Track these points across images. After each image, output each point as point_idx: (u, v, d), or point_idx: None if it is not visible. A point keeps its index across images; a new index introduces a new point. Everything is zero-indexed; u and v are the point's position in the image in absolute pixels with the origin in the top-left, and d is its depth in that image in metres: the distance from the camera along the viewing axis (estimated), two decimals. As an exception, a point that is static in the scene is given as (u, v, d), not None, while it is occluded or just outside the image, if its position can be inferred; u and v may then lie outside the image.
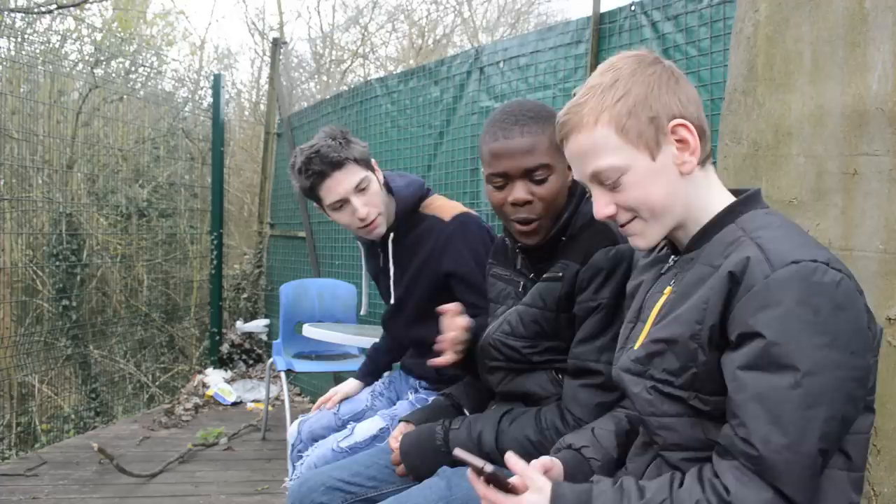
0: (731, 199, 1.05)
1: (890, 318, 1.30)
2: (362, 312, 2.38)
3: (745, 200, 1.03)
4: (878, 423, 1.33)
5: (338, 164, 1.77)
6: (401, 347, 2.14)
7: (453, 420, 1.47)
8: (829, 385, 0.85)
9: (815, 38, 1.41)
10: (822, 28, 1.40)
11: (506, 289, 1.53)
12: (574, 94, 1.06)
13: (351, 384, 2.15)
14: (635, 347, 1.06)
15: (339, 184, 1.79)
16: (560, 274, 1.37)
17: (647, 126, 1.00)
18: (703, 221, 1.03)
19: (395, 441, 1.53)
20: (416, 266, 1.88)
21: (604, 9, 2.62)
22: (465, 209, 1.90)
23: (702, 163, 1.04)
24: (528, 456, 1.15)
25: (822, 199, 1.39)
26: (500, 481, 0.99)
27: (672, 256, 1.10)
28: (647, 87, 1.01)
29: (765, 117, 1.50)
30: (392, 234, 1.91)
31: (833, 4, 1.38)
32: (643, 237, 1.05)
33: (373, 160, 1.88)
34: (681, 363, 0.97)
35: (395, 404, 2.00)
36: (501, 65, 3.08)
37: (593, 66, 2.60)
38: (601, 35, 2.61)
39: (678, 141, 1.02)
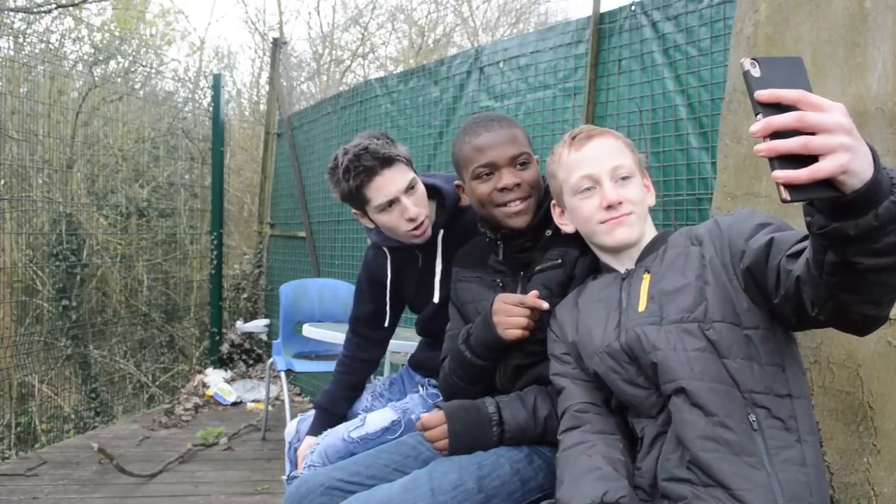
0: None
1: (890, 318, 1.30)
2: (385, 325, 2.11)
3: (667, 232, 1.36)
4: (878, 423, 1.33)
5: (389, 161, 1.69)
6: (362, 381, 2.08)
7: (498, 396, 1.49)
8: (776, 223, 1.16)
9: (815, 38, 1.41)
10: (822, 28, 1.40)
11: (480, 290, 1.58)
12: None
13: (307, 441, 1.97)
14: (640, 310, 1.23)
15: (390, 182, 1.69)
16: (559, 260, 1.46)
17: (639, 163, 1.36)
18: (644, 243, 1.33)
19: (430, 419, 1.48)
20: None
21: (604, 9, 2.62)
22: None
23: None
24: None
25: (822, 198, 1.39)
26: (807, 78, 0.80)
27: (624, 268, 1.34)
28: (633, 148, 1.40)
29: (765, 117, 1.50)
30: (442, 232, 1.82)
31: (833, 4, 1.38)
32: (633, 227, 1.31)
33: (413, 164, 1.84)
34: (692, 300, 1.17)
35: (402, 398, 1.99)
36: (501, 65, 3.08)
37: (593, 66, 2.60)
38: (601, 35, 2.61)
39: (645, 185, 1.37)
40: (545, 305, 1.40)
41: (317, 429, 1.94)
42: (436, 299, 1.88)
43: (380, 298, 2.02)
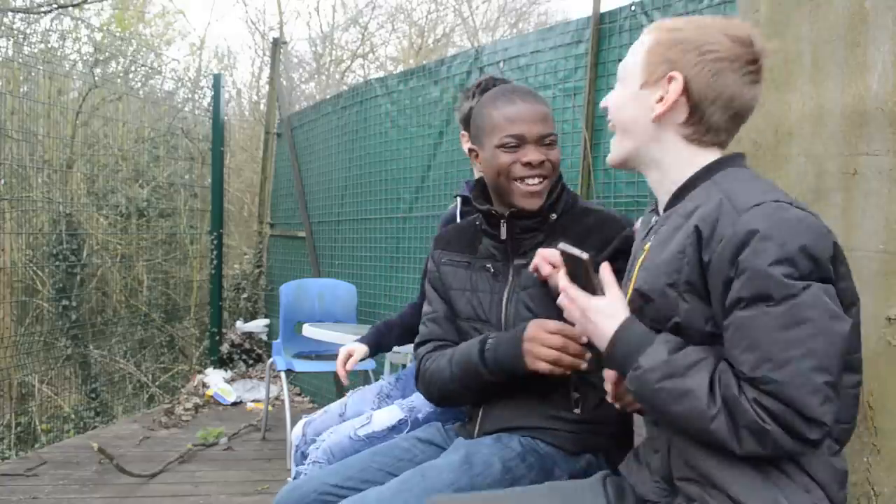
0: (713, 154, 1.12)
1: (890, 318, 1.30)
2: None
3: (723, 160, 1.10)
4: (878, 423, 1.33)
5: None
6: (411, 334, 2.12)
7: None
8: (803, 304, 0.91)
9: (815, 38, 1.41)
10: (822, 28, 1.40)
11: (469, 275, 1.55)
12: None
13: (360, 346, 2.14)
14: (626, 300, 1.13)
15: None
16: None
17: (660, 63, 1.10)
18: (677, 180, 1.11)
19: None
20: None
21: (604, 9, 2.61)
22: None
23: (692, 138, 1.10)
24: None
25: (822, 198, 1.39)
26: (588, 273, 1.08)
27: (654, 216, 1.18)
28: (702, 41, 1.07)
29: (765, 117, 1.50)
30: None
31: (833, 4, 1.38)
32: (611, 150, 1.19)
33: None
34: (664, 312, 1.04)
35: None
36: (501, 65, 3.08)
37: (593, 66, 2.60)
38: (601, 35, 2.61)
39: (660, 95, 1.10)
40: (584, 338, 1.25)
41: (370, 342, 2.11)
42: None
43: None
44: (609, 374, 1.19)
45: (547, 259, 1.38)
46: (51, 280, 4.50)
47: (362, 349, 2.12)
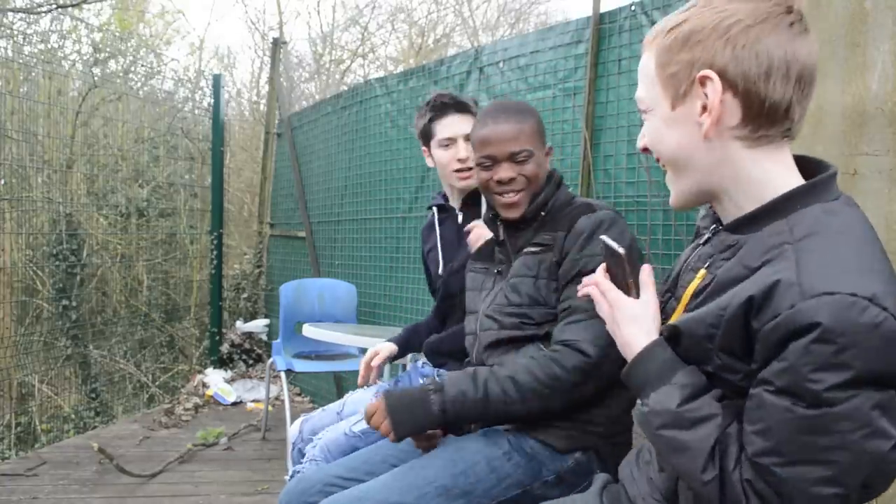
0: (798, 180, 0.91)
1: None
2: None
3: (810, 189, 0.89)
4: (879, 423, 1.32)
5: (463, 108, 2.04)
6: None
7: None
8: (837, 415, 0.78)
9: (815, 38, 1.41)
10: (822, 28, 1.40)
11: (483, 279, 1.65)
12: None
13: (389, 345, 2.15)
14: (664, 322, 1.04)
15: (455, 124, 2.03)
16: (550, 244, 1.50)
17: (681, 69, 0.90)
18: (757, 198, 0.91)
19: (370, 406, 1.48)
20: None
21: (604, 9, 2.61)
22: None
23: (757, 137, 0.90)
24: (520, 390, 1.36)
25: (822, 199, 1.39)
26: (625, 270, 1.03)
27: (712, 227, 1.02)
28: (715, 21, 0.87)
29: (765, 117, 1.50)
30: (462, 214, 2.09)
31: (833, 4, 1.38)
32: (670, 187, 0.98)
33: None
34: (700, 358, 0.93)
35: None
36: (501, 65, 3.08)
37: (593, 66, 2.60)
38: (601, 35, 2.61)
39: (700, 96, 0.89)
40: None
41: (400, 343, 2.15)
42: (440, 271, 2.08)
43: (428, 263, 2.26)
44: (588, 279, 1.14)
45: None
46: (51, 280, 4.50)
47: (390, 347, 2.13)
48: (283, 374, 3.43)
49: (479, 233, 1.86)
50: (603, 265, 1.10)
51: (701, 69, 0.88)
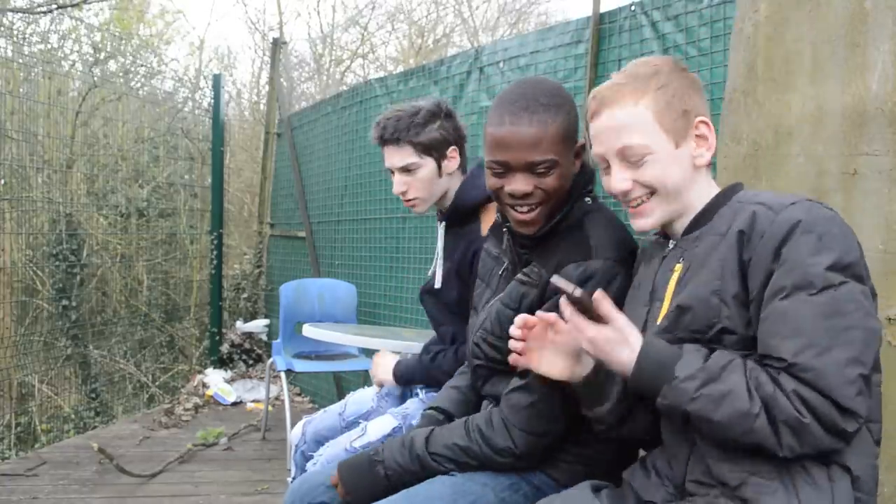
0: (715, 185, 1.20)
1: (890, 318, 1.30)
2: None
3: (734, 185, 1.18)
4: (879, 422, 1.32)
5: (393, 141, 1.87)
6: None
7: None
8: (841, 297, 0.95)
9: (815, 38, 1.41)
10: (822, 28, 1.40)
11: (493, 267, 1.55)
12: (610, 77, 1.19)
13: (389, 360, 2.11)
14: (658, 321, 1.13)
15: (389, 156, 1.91)
16: (535, 280, 1.36)
17: (679, 117, 1.13)
18: (698, 209, 1.16)
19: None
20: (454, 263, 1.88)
21: (604, 9, 2.62)
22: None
23: (707, 164, 1.17)
24: (455, 462, 1.34)
25: (822, 198, 1.39)
26: (587, 307, 1.08)
27: (671, 241, 1.20)
28: (684, 84, 1.15)
29: (765, 117, 1.50)
30: (444, 224, 1.96)
31: (833, 4, 1.38)
32: (650, 216, 1.16)
33: (452, 148, 1.88)
34: (706, 321, 1.05)
35: (403, 402, 1.99)
36: (501, 65, 3.08)
37: (593, 66, 2.60)
38: (601, 35, 2.61)
39: (699, 136, 1.15)
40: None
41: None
42: (437, 285, 1.94)
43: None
44: (518, 320, 1.20)
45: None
46: (51, 280, 4.50)
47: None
48: (283, 374, 3.43)
49: (381, 378, 1.97)
50: (566, 305, 1.10)
51: (695, 117, 1.14)
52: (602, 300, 1.07)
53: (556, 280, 1.09)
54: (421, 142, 1.84)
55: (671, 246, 1.19)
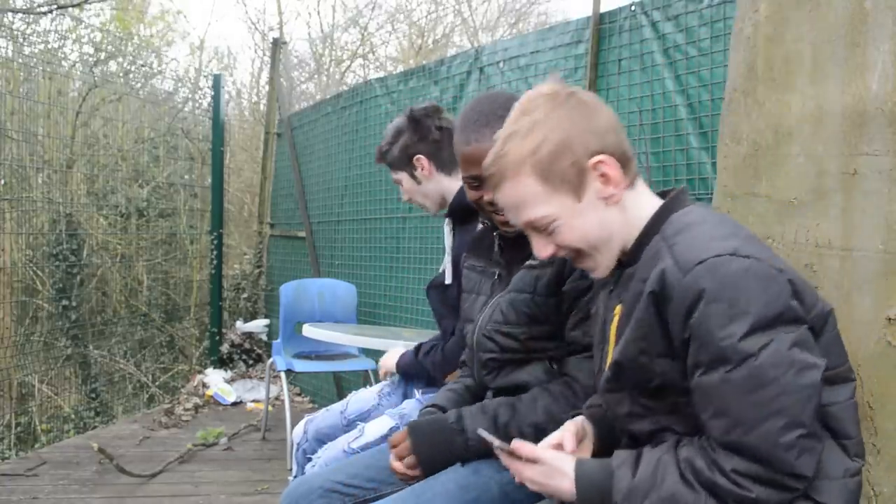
0: (657, 202, 1.10)
1: (890, 318, 1.30)
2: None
3: (669, 205, 1.08)
4: (878, 422, 1.32)
5: (381, 160, 2.11)
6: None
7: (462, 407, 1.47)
8: (764, 365, 0.89)
9: (815, 38, 1.41)
10: (822, 28, 1.40)
11: (480, 279, 1.58)
12: (496, 140, 1.10)
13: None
14: (606, 368, 1.10)
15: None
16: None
17: (569, 170, 1.03)
18: (636, 232, 1.07)
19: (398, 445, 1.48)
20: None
21: (604, 9, 2.62)
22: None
23: (630, 182, 1.07)
24: (543, 433, 1.25)
25: (822, 198, 1.39)
26: (518, 456, 1.08)
27: (616, 272, 1.12)
28: (563, 129, 1.02)
29: (765, 117, 1.50)
30: (449, 220, 2.04)
31: (833, 4, 1.38)
32: (597, 269, 1.10)
33: (416, 157, 2.01)
34: (644, 378, 1.02)
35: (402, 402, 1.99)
36: (501, 65, 3.08)
37: (593, 66, 2.60)
38: (601, 35, 2.61)
39: (601, 175, 1.04)
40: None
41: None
42: (448, 281, 1.98)
43: None
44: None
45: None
46: (51, 280, 4.50)
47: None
48: (283, 374, 3.43)
49: (387, 365, 2.07)
50: (499, 453, 1.12)
51: (588, 159, 1.03)
52: (522, 447, 1.07)
53: (481, 432, 1.14)
54: (391, 161, 2.07)
55: (613, 281, 1.12)
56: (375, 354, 3.53)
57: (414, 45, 8.42)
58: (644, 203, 1.09)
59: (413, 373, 2.02)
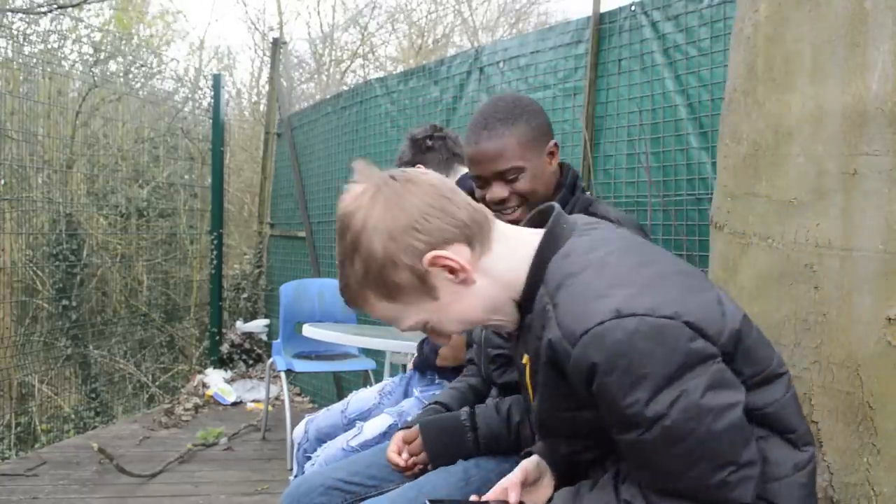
0: (532, 239, 1.00)
1: (890, 318, 1.30)
2: None
3: (544, 249, 0.99)
4: (878, 422, 1.33)
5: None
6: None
7: (474, 405, 1.48)
8: (678, 421, 0.84)
9: (815, 38, 1.41)
10: (822, 28, 1.40)
11: None
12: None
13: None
14: (536, 414, 1.08)
15: None
16: None
17: (408, 279, 0.95)
18: (519, 282, 0.99)
19: (399, 443, 1.49)
20: None
21: (604, 9, 2.62)
22: None
23: (487, 250, 0.98)
24: None
25: (822, 198, 1.39)
26: None
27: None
28: (381, 239, 0.93)
29: (765, 117, 1.50)
30: None
31: (833, 4, 1.38)
32: (506, 327, 1.05)
33: (419, 166, 2.07)
34: (571, 431, 1.02)
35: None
36: (501, 65, 3.08)
37: (593, 66, 2.61)
38: (601, 35, 2.61)
39: (448, 270, 0.95)
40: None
41: None
42: None
43: None
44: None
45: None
46: (51, 280, 4.50)
47: None
48: (283, 374, 3.43)
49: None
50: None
51: (421, 261, 0.93)
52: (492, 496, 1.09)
53: (432, 498, 1.19)
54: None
55: (517, 328, 1.06)
56: (375, 354, 3.54)
57: (414, 45, 8.42)
58: (515, 254, 1.00)
59: (423, 364, 2.05)
